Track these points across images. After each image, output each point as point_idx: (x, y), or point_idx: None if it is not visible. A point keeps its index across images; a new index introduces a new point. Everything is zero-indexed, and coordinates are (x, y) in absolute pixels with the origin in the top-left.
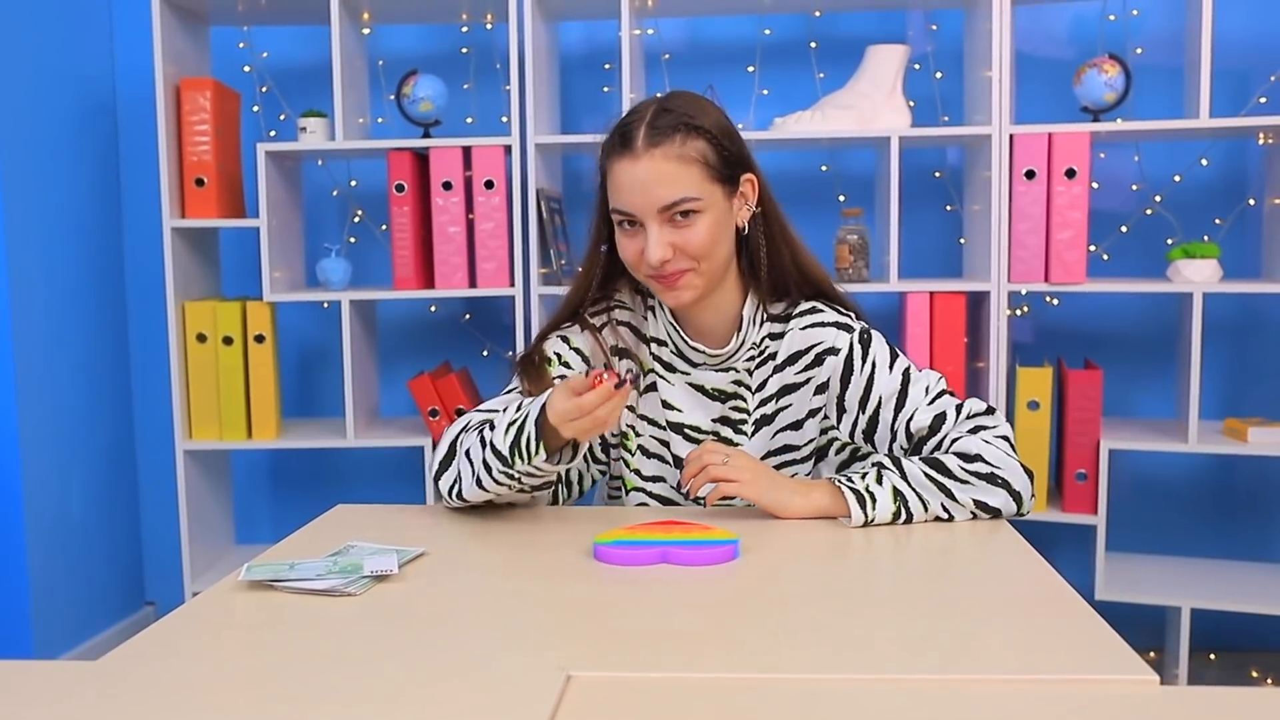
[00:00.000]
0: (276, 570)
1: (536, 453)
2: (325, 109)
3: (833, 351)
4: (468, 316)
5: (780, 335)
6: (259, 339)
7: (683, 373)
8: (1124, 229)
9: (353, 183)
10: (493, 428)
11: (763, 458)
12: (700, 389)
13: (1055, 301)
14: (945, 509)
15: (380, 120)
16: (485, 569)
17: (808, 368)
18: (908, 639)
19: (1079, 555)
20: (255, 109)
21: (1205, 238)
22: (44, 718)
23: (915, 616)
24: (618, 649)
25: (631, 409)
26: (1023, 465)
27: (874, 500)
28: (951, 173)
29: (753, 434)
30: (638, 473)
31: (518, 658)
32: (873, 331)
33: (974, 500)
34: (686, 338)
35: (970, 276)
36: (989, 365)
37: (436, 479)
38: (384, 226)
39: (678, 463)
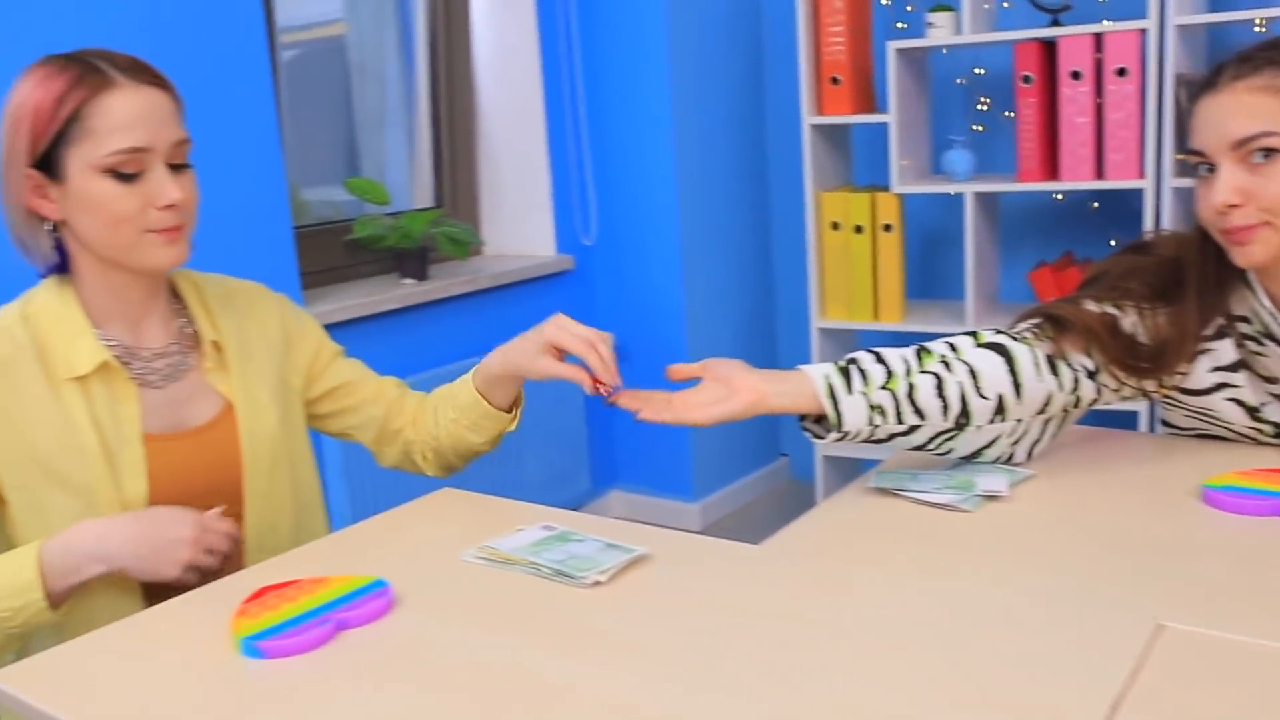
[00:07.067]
0: (899, 479)
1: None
2: (951, 2)
3: None
4: (1095, 205)
5: None
6: (886, 228)
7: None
8: None
9: (978, 70)
10: None
11: None
12: None
13: None
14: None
15: (1005, 4)
16: (1087, 500)
17: None
18: None
19: None
20: (884, 1)
21: None
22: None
23: None
24: (1218, 605)
25: None
26: None
27: None
28: None
29: None
30: None
31: (1107, 598)
32: None
33: None
34: (1274, 311)
35: None
36: None
37: None
38: (1008, 113)
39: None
